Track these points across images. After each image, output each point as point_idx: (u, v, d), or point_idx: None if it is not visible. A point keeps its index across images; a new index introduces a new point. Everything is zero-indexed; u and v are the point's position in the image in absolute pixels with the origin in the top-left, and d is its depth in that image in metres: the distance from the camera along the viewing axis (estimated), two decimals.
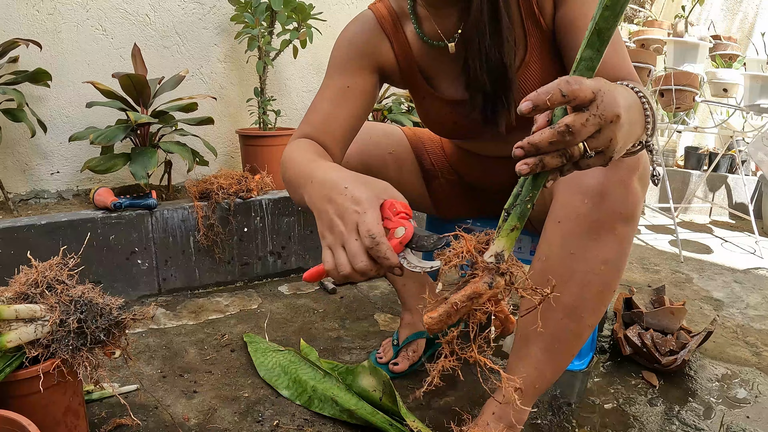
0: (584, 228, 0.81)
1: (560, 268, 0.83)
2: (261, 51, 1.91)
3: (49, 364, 0.80)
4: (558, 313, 0.84)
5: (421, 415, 1.06)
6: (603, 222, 0.80)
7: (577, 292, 0.83)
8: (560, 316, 0.84)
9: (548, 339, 0.86)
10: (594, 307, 0.84)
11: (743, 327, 1.53)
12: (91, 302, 0.84)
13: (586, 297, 0.83)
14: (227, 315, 1.49)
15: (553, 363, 0.87)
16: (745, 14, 3.70)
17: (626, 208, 0.80)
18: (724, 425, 1.07)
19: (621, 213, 0.80)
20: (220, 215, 1.64)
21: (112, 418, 1.01)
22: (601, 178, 0.80)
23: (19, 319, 0.80)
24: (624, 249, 0.82)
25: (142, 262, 1.56)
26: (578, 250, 0.82)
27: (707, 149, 3.19)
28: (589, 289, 0.83)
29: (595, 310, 0.84)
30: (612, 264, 0.82)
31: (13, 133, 1.75)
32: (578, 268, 0.82)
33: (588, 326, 0.85)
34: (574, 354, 0.88)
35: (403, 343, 1.22)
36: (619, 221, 0.80)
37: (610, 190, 0.79)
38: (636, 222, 0.82)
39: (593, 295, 0.83)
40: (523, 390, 0.88)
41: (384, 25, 0.99)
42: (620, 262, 0.83)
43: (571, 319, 0.84)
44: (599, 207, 0.80)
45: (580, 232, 0.81)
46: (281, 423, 1.02)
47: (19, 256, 1.38)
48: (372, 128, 1.18)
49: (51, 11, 1.76)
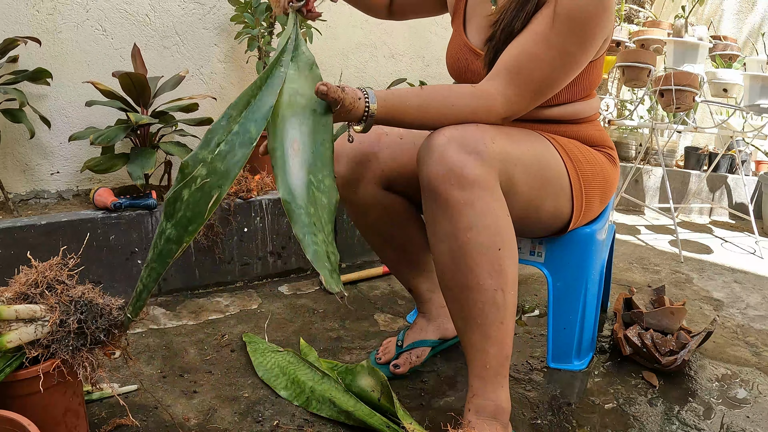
0: (435, 213, 0.89)
1: (442, 255, 0.90)
2: (261, 51, 1.91)
3: (49, 365, 0.81)
4: (459, 292, 0.89)
5: (420, 415, 1.06)
6: (443, 199, 0.86)
7: (461, 264, 0.87)
8: (464, 294, 0.89)
9: (469, 320, 0.90)
10: (488, 270, 0.87)
11: (743, 327, 1.53)
12: (91, 302, 0.84)
13: (472, 266, 0.87)
14: (227, 315, 1.49)
15: (487, 338, 0.89)
16: (753, 23, 3.70)
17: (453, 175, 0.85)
18: (724, 425, 1.07)
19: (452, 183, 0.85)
20: (220, 215, 1.64)
21: (112, 418, 1.01)
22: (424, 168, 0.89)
23: (19, 320, 0.80)
24: (482, 210, 0.86)
25: (142, 262, 1.56)
26: (444, 233, 0.88)
27: (707, 149, 3.19)
28: (470, 257, 0.87)
29: (491, 273, 0.87)
30: (479, 227, 0.86)
31: (13, 133, 1.75)
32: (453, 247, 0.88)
33: (495, 290, 0.87)
34: (503, 322, 0.89)
35: (407, 347, 1.22)
36: (456, 189, 0.85)
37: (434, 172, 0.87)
38: (479, 182, 0.86)
39: (477, 260, 0.87)
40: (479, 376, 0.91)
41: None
42: (487, 222, 0.86)
43: (474, 291, 0.88)
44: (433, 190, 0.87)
45: (435, 219, 0.89)
46: (281, 423, 1.03)
47: (19, 256, 1.38)
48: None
49: (51, 11, 1.76)
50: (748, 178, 2.87)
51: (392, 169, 1.14)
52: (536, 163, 0.98)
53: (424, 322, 1.26)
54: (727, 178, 2.94)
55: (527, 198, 0.98)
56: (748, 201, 2.50)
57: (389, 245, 1.23)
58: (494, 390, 0.91)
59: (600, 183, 1.11)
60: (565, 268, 1.19)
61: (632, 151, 3.25)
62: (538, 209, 1.03)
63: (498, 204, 0.88)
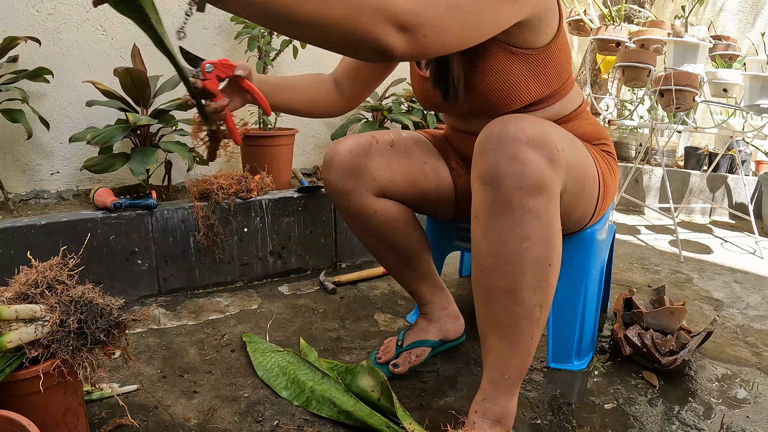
0: (494, 213, 0.82)
1: (488, 257, 0.85)
2: (261, 51, 1.91)
3: (49, 365, 0.81)
4: (500, 299, 0.85)
5: (420, 415, 1.06)
6: (508, 202, 0.80)
7: (510, 275, 0.83)
8: (503, 302, 0.85)
9: (500, 327, 0.87)
10: (533, 286, 0.84)
11: (743, 327, 1.53)
12: (91, 302, 0.84)
13: (519, 278, 0.83)
14: (227, 315, 1.49)
15: (514, 349, 0.87)
16: (753, 23, 3.70)
17: (527, 180, 0.79)
18: (724, 425, 1.07)
19: (523, 188, 0.79)
20: (220, 215, 1.64)
21: (112, 418, 1.01)
22: (491, 161, 0.81)
23: (19, 320, 0.80)
24: (545, 222, 0.82)
25: (142, 262, 1.56)
26: (496, 236, 0.83)
27: (707, 149, 3.20)
28: (521, 270, 0.83)
29: (536, 289, 0.84)
30: (535, 239, 0.82)
31: (13, 133, 1.75)
32: (502, 252, 0.83)
33: (535, 305, 0.85)
34: (533, 336, 0.87)
35: (407, 347, 1.22)
36: (525, 196, 0.80)
37: (503, 169, 0.80)
38: (548, 191, 0.81)
39: (527, 274, 0.83)
40: (495, 382, 0.89)
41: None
42: (544, 235, 0.82)
43: (514, 303, 0.85)
44: (499, 189, 0.80)
45: (492, 219, 0.82)
46: (281, 423, 1.03)
47: (19, 256, 1.38)
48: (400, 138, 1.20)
49: (51, 11, 1.76)
50: (748, 178, 2.87)
51: (385, 178, 1.12)
52: (581, 171, 0.97)
53: (425, 323, 1.26)
54: (727, 178, 2.94)
55: (566, 207, 0.94)
56: (748, 201, 2.50)
57: (388, 251, 1.21)
58: (507, 398, 0.90)
59: (611, 186, 1.12)
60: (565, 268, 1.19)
61: (632, 151, 3.25)
62: (569, 216, 1.02)
63: (557, 218, 0.84)
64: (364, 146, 1.12)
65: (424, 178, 1.17)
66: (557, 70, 1.02)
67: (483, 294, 0.88)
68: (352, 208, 1.14)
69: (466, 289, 1.72)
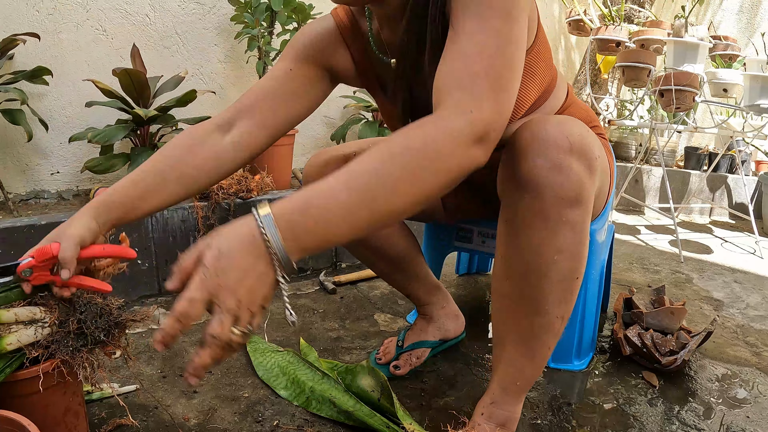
0: (529, 221, 0.79)
1: (515, 264, 0.82)
2: (261, 51, 1.91)
3: (49, 365, 0.80)
4: (522, 308, 0.84)
5: (420, 415, 1.06)
6: (547, 212, 0.77)
7: (536, 285, 0.81)
8: (525, 311, 0.83)
9: (518, 335, 0.85)
10: (559, 298, 0.82)
11: (743, 327, 1.53)
12: (90, 302, 0.84)
13: (546, 289, 0.81)
14: None
15: (530, 359, 0.86)
16: (754, 23, 3.70)
17: (567, 191, 0.76)
18: (724, 425, 1.07)
19: (563, 199, 0.76)
20: (220, 215, 1.64)
21: (112, 418, 1.01)
22: (533, 167, 0.76)
23: (18, 322, 0.80)
24: (578, 235, 0.79)
25: (142, 262, 1.56)
26: (529, 244, 0.80)
27: (707, 149, 3.20)
28: (549, 281, 0.81)
29: (560, 301, 0.82)
30: (568, 252, 0.79)
31: (13, 133, 1.75)
32: (532, 261, 0.80)
33: (557, 317, 0.83)
34: (551, 347, 0.86)
35: (407, 347, 1.22)
36: (565, 207, 0.77)
37: (544, 178, 0.76)
38: (586, 204, 0.78)
39: (554, 286, 0.81)
40: (505, 388, 0.89)
41: (344, 33, 0.99)
42: (576, 248, 0.80)
43: (536, 314, 0.83)
44: (539, 197, 0.77)
45: (526, 227, 0.79)
46: (281, 423, 1.02)
47: (19, 257, 1.38)
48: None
49: (51, 11, 1.76)
50: (748, 178, 2.87)
51: None
52: (607, 173, 0.96)
53: (424, 323, 1.26)
54: (727, 178, 2.94)
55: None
56: (748, 201, 2.50)
57: (379, 259, 1.19)
58: (514, 404, 0.90)
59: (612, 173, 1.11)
60: None
61: (632, 151, 3.25)
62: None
63: (588, 230, 0.82)
64: (341, 159, 1.07)
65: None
66: (546, 64, 0.98)
67: (505, 301, 0.86)
68: None
69: (464, 288, 1.72)
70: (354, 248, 1.20)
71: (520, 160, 0.78)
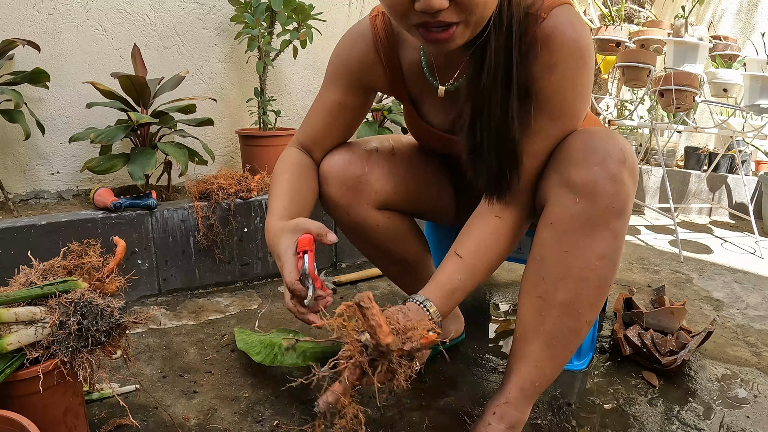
0: (578, 226, 0.82)
1: (555, 266, 0.84)
2: (261, 51, 1.91)
3: (49, 365, 0.80)
4: (556, 310, 0.85)
5: (420, 415, 1.06)
6: (597, 218, 0.81)
7: (574, 288, 0.84)
8: (558, 313, 0.85)
9: (547, 336, 0.86)
10: (592, 303, 0.85)
11: (743, 327, 1.53)
12: (91, 303, 0.84)
13: (583, 293, 0.84)
14: (227, 315, 1.49)
15: (553, 360, 0.88)
16: (754, 23, 3.70)
17: (618, 202, 0.81)
18: (724, 425, 1.07)
19: (614, 208, 0.81)
20: (220, 215, 1.64)
21: (112, 418, 1.01)
22: (591, 175, 0.81)
23: (18, 322, 0.80)
24: (618, 243, 0.83)
25: (142, 262, 1.56)
26: (573, 248, 0.83)
27: (707, 149, 3.20)
28: (587, 285, 0.84)
29: (593, 306, 0.85)
30: (608, 259, 0.83)
31: (13, 133, 1.75)
32: (574, 265, 0.83)
33: (586, 322, 0.86)
34: (573, 351, 0.88)
35: None
36: (613, 216, 0.81)
37: (601, 187, 0.80)
38: (628, 215, 0.83)
39: (591, 290, 0.84)
40: (523, 388, 0.89)
41: (379, 49, 0.99)
42: (615, 256, 0.84)
43: (569, 316, 0.85)
44: (592, 204, 0.81)
45: (574, 231, 0.83)
46: (281, 423, 1.03)
47: (19, 256, 1.38)
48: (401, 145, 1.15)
49: (51, 11, 1.76)
50: (748, 178, 2.87)
51: (386, 191, 1.07)
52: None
53: None
54: (727, 178, 2.94)
55: None
56: (748, 201, 2.50)
57: (390, 260, 1.19)
58: (528, 405, 0.90)
59: None
60: None
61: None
62: None
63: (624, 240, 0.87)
64: (364, 156, 1.06)
65: (426, 187, 1.13)
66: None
67: (538, 302, 0.87)
68: (351, 222, 1.09)
69: None
70: (364, 250, 1.19)
71: (575, 168, 0.82)
